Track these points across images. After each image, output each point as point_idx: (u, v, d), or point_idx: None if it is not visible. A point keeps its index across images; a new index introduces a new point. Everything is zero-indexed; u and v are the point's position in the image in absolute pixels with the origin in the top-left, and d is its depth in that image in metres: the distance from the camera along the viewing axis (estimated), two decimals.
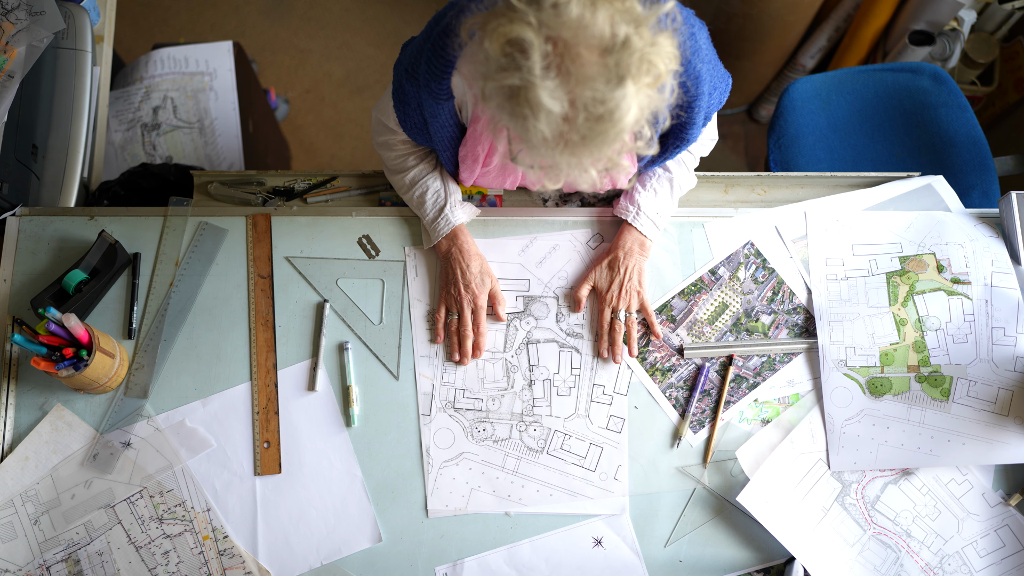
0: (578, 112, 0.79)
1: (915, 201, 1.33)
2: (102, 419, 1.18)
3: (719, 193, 1.37)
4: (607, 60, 0.78)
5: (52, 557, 1.14)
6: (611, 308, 1.22)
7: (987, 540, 1.19)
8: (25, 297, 1.23)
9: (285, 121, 2.57)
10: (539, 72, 0.77)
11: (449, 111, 1.07)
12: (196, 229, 1.28)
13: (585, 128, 0.80)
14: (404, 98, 1.08)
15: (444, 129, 1.10)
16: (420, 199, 1.23)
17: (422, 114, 1.09)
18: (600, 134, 0.81)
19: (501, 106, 0.82)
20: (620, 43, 0.78)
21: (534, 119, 0.80)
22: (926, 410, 1.21)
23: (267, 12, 2.68)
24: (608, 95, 0.78)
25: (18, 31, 1.36)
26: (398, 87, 1.09)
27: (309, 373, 1.22)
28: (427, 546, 1.17)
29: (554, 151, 0.83)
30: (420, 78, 1.02)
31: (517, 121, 0.82)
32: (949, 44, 2.03)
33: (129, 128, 1.83)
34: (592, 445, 1.20)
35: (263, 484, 1.18)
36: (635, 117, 0.81)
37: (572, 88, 0.78)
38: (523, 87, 0.79)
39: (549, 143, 0.82)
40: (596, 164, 0.86)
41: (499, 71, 0.80)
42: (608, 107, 0.78)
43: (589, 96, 0.78)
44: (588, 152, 0.83)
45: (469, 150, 1.13)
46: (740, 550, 1.19)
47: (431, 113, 1.07)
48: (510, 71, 0.79)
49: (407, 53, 1.06)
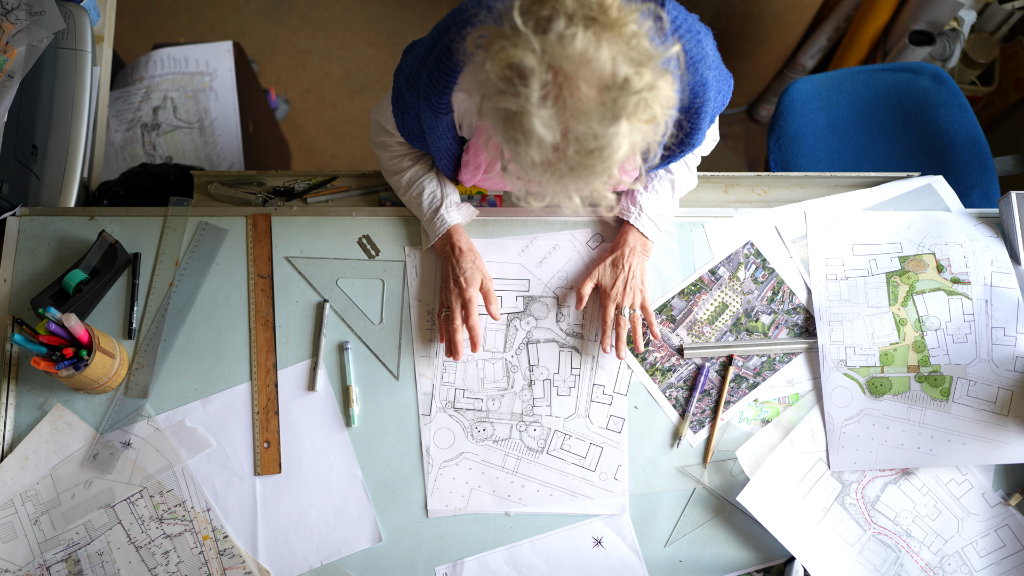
0: (569, 144, 0.80)
1: (915, 201, 1.33)
2: (102, 419, 1.18)
3: (719, 193, 1.37)
4: (604, 97, 0.78)
5: (52, 557, 1.14)
6: (615, 304, 1.21)
7: (987, 540, 1.19)
8: (25, 297, 1.23)
9: (285, 121, 2.58)
10: (536, 100, 0.78)
11: (447, 124, 1.07)
12: (196, 229, 1.28)
13: (575, 160, 0.81)
14: (403, 106, 1.08)
15: (441, 140, 1.10)
16: (417, 200, 1.23)
17: (420, 124, 1.09)
18: (588, 167, 0.81)
19: (495, 126, 0.83)
20: (620, 83, 0.78)
21: (525, 144, 0.80)
22: (926, 410, 1.21)
23: (267, 12, 2.68)
24: (601, 131, 0.78)
25: (18, 31, 1.36)
26: (398, 94, 1.09)
27: (309, 373, 1.22)
28: (427, 546, 1.17)
29: (541, 176, 0.84)
30: (421, 90, 1.02)
31: (509, 143, 0.83)
32: (949, 44, 2.03)
33: (129, 128, 1.83)
34: (592, 445, 1.20)
35: (263, 484, 1.18)
36: (625, 154, 0.81)
37: (566, 120, 0.79)
38: (519, 113, 0.79)
39: (538, 168, 0.83)
40: (581, 192, 0.87)
41: (497, 93, 0.80)
42: (600, 143, 0.79)
43: (582, 130, 0.79)
44: (575, 182, 0.84)
45: (471, 158, 1.14)
46: (740, 550, 1.19)
47: (429, 125, 1.07)
48: (508, 95, 0.79)
49: (409, 61, 1.06)
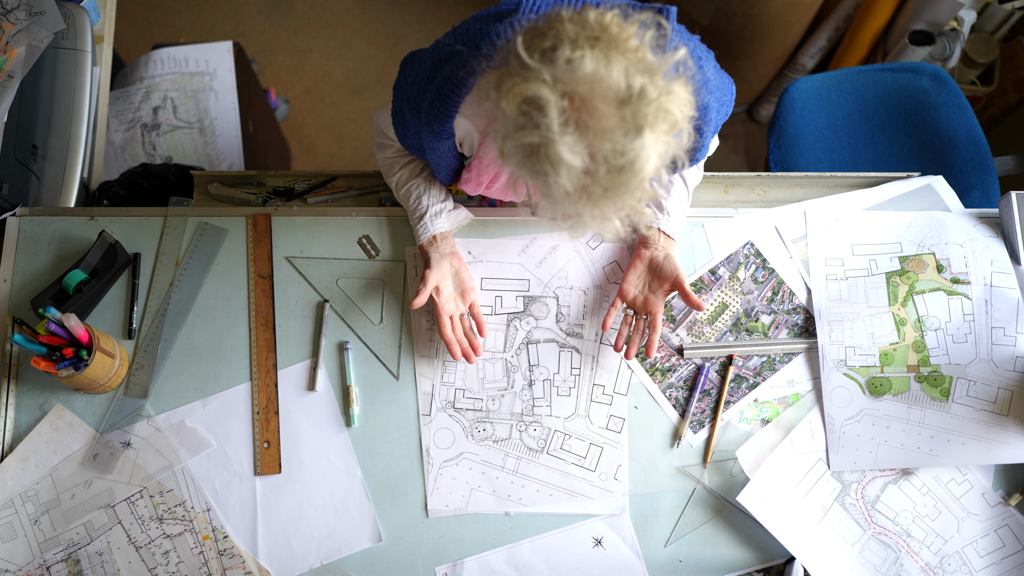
0: (599, 165, 0.79)
1: (915, 201, 1.33)
2: (102, 419, 1.18)
3: (719, 193, 1.37)
4: (624, 111, 0.78)
5: (52, 557, 1.14)
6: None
7: (987, 540, 1.19)
8: (25, 297, 1.23)
9: (285, 121, 2.58)
10: (557, 128, 0.77)
11: (448, 147, 1.07)
12: (196, 229, 1.28)
13: (607, 180, 0.80)
14: (404, 123, 1.08)
15: (441, 158, 1.10)
16: (405, 202, 1.24)
17: (420, 141, 1.08)
18: (622, 184, 0.80)
19: (521, 163, 0.83)
20: (636, 94, 0.77)
21: (555, 175, 0.80)
22: (926, 410, 1.21)
23: (267, 12, 2.68)
24: (627, 146, 0.78)
25: (18, 31, 1.36)
26: (398, 111, 1.08)
27: (309, 373, 1.22)
28: (427, 546, 1.17)
29: (576, 204, 0.83)
30: (423, 116, 1.02)
31: (539, 177, 0.82)
32: (949, 44, 2.03)
33: (129, 128, 1.83)
34: (592, 445, 1.21)
35: (263, 484, 1.18)
36: (655, 165, 0.81)
37: (591, 141, 0.78)
38: (542, 144, 0.79)
39: (571, 197, 0.82)
40: (619, 213, 0.86)
41: (517, 130, 0.80)
42: (628, 158, 0.78)
43: (608, 148, 0.78)
44: (611, 203, 0.83)
45: (473, 176, 1.13)
46: (740, 550, 1.19)
47: (430, 145, 1.06)
48: (528, 129, 0.79)
49: (409, 80, 1.05)
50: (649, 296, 1.19)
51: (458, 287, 1.21)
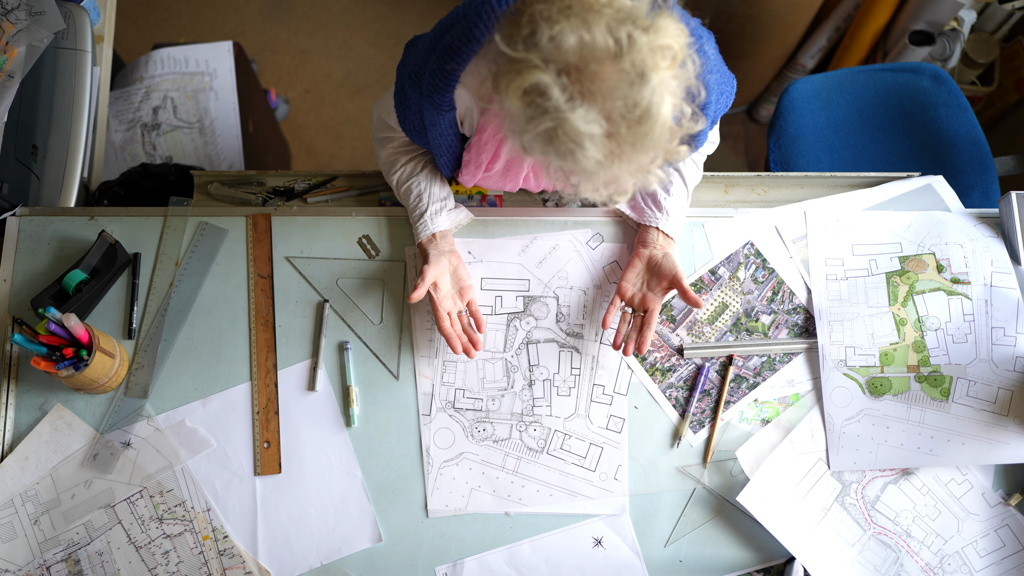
0: (618, 124, 0.80)
1: (915, 201, 1.33)
2: (102, 419, 1.18)
3: (719, 193, 1.37)
4: (621, 65, 0.78)
5: (52, 557, 1.14)
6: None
7: (987, 540, 1.19)
8: (25, 297, 1.23)
9: (285, 121, 2.58)
10: (565, 105, 0.78)
11: (449, 122, 1.08)
12: (196, 229, 1.28)
13: (631, 135, 0.80)
14: (406, 101, 1.09)
15: (443, 137, 1.10)
16: (405, 200, 1.24)
17: (422, 119, 1.09)
18: (646, 134, 0.81)
19: (546, 151, 0.83)
20: (626, 45, 0.78)
21: (581, 149, 0.80)
22: (926, 410, 1.21)
23: (267, 12, 2.68)
24: (637, 96, 0.78)
25: (18, 31, 1.36)
26: (400, 89, 1.09)
27: (309, 373, 1.22)
28: (427, 546, 1.17)
29: (611, 168, 0.83)
30: (424, 87, 1.03)
31: (567, 158, 0.82)
32: (949, 44, 2.03)
33: (129, 128, 1.83)
34: (592, 445, 1.20)
35: (263, 484, 1.18)
36: (672, 103, 0.81)
37: (602, 105, 0.79)
38: (557, 125, 0.79)
39: (604, 164, 0.82)
40: (656, 161, 0.86)
41: (529, 121, 0.81)
42: (643, 107, 0.79)
43: (621, 105, 0.79)
44: (643, 155, 0.83)
45: (472, 156, 1.14)
46: (740, 550, 1.19)
47: (431, 121, 1.07)
48: (539, 117, 0.80)
49: (412, 57, 1.06)
50: (647, 294, 1.19)
51: (456, 284, 1.21)
